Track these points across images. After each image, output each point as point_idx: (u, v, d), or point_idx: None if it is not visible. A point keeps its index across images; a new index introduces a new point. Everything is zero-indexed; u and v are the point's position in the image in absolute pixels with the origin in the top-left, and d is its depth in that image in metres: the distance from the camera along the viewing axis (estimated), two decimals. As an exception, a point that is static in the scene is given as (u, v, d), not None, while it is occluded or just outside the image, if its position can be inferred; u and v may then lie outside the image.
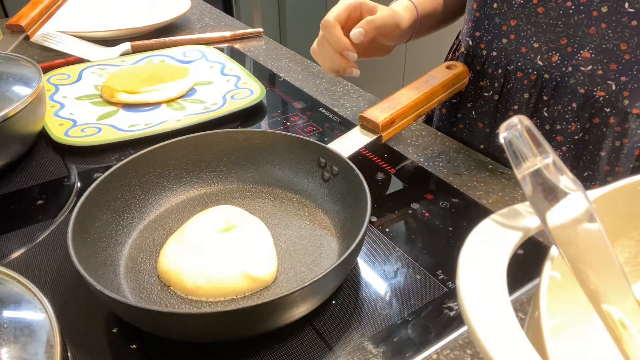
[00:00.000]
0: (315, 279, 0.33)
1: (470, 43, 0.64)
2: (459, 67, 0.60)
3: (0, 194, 0.51)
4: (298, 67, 0.82)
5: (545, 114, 0.59)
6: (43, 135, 0.60)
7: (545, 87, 0.58)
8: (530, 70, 0.59)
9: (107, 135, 0.59)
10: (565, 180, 0.22)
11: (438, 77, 0.59)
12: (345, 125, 0.65)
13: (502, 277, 0.22)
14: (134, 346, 0.36)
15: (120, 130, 0.61)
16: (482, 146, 0.66)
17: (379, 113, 0.53)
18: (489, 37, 0.61)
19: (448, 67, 0.61)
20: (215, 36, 0.91)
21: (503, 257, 0.23)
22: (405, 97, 0.55)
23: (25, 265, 0.42)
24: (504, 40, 0.60)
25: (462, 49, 0.66)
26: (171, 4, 1.02)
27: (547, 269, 0.23)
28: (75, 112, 0.64)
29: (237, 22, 1.04)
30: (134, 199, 0.46)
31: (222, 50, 0.86)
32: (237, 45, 0.91)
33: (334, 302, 0.39)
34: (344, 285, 0.41)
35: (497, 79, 0.62)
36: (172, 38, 0.88)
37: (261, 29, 0.96)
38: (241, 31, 0.94)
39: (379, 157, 0.58)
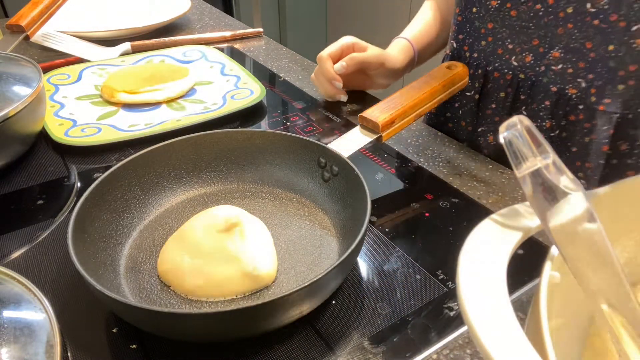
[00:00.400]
0: (315, 279, 0.33)
1: (455, 45, 0.67)
2: (459, 67, 0.60)
3: (0, 194, 0.51)
4: (298, 67, 0.82)
5: (524, 113, 0.61)
6: (43, 135, 0.60)
7: (522, 87, 0.60)
8: (506, 71, 0.61)
9: (107, 135, 0.59)
10: (565, 180, 0.22)
11: (438, 77, 0.59)
12: (345, 125, 0.65)
13: (502, 277, 0.22)
14: (134, 346, 0.36)
15: (120, 130, 0.61)
16: (464, 144, 0.68)
17: (379, 113, 0.53)
18: (470, 40, 0.64)
19: (448, 67, 0.61)
20: (215, 36, 0.91)
21: (503, 257, 0.23)
22: (405, 97, 0.56)
23: (25, 265, 0.42)
24: (483, 43, 0.62)
25: (448, 51, 0.69)
26: (171, 4, 1.02)
27: (547, 269, 0.23)
28: (75, 112, 0.64)
29: (237, 22, 1.04)
30: (134, 199, 0.46)
31: (222, 50, 0.86)
32: (237, 45, 0.91)
33: (334, 302, 0.39)
34: (344, 285, 0.41)
35: (477, 79, 0.65)
36: (172, 38, 0.88)
37: (261, 29, 0.96)
38: (241, 31, 0.94)
39: (379, 157, 0.58)
